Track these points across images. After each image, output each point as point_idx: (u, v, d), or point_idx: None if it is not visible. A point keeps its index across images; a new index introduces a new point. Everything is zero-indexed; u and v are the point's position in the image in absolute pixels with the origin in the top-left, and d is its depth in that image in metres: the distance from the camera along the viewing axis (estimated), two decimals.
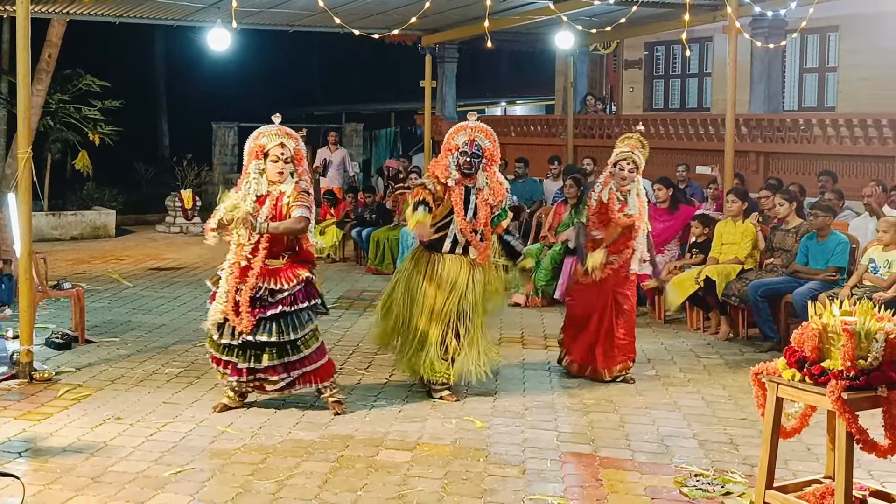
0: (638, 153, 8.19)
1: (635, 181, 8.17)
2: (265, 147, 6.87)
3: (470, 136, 7.42)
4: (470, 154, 7.40)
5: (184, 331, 9.98)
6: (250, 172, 6.90)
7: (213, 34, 12.76)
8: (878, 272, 8.80)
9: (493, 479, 5.89)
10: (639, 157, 8.19)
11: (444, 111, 21.57)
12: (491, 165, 7.54)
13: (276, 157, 6.85)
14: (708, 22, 14.47)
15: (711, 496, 5.63)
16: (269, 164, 6.87)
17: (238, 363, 6.96)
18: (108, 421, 6.91)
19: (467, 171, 7.44)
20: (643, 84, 20.45)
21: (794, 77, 17.27)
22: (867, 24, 15.19)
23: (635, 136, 8.36)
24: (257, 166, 6.89)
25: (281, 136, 6.90)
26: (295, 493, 5.62)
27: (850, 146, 13.58)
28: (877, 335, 4.68)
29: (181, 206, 19.48)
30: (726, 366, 8.81)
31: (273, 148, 6.86)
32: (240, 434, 6.65)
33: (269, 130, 6.95)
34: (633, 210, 8.13)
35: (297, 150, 7.02)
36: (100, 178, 20.32)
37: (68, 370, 8.30)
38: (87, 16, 16.21)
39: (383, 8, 15.28)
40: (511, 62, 32.27)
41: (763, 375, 5.03)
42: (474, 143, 7.41)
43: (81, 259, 15.26)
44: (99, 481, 5.76)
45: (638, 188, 8.22)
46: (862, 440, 4.66)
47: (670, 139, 16.44)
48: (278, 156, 6.85)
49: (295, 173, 6.99)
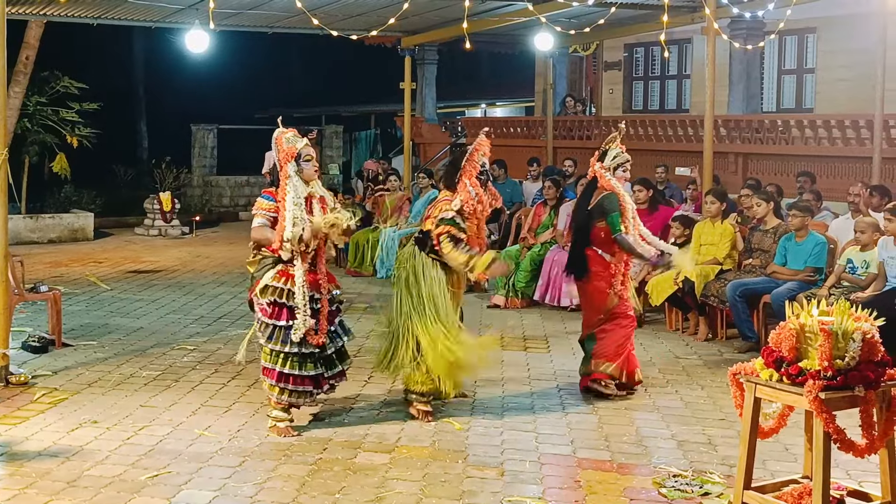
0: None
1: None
2: (296, 149, 6.71)
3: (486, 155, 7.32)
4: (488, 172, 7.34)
5: (162, 334, 9.93)
6: (291, 176, 6.67)
7: (191, 36, 12.71)
8: (856, 272, 8.84)
9: (471, 480, 5.87)
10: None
11: (424, 113, 21.60)
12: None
13: (310, 156, 6.75)
14: (687, 23, 14.51)
15: (690, 497, 5.63)
16: (303, 164, 6.71)
17: (324, 373, 6.81)
18: (84, 425, 6.86)
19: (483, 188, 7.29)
20: (622, 85, 20.50)
21: (773, 78, 17.35)
22: (844, 26, 15.27)
23: (619, 135, 8.23)
24: (294, 169, 6.70)
25: (300, 137, 6.81)
26: (273, 495, 5.59)
27: (828, 147, 13.65)
28: (854, 335, 4.70)
29: (160, 209, 19.39)
30: (705, 366, 8.83)
31: (304, 148, 6.72)
32: (217, 437, 6.61)
33: (289, 133, 6.80)
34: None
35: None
36: (78, 180, 20.22)
37: (45, 374, 8.24)
38: (65, 17, 16.13)
39: (362, 9, 15.27)
40: (491, 64, 32.31)
41: (741, 376, 5.04)
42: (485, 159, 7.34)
43: (59, 262, 15.17)
44: (75, 485, 5.71)
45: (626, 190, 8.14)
46: (839, 440, 4.68)
47: (649, 140, 16.49)
48: (312, 155, 6.76)
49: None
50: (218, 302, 11.76)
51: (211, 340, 9.60)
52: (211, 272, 14.28)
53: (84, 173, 20.91)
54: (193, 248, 17.36)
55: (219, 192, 23.77)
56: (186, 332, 10.06)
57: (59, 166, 18.88)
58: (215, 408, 7.31)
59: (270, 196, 6.72)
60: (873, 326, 4.80)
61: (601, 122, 18.31)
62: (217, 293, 12.33)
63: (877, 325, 4.84)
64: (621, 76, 20.51)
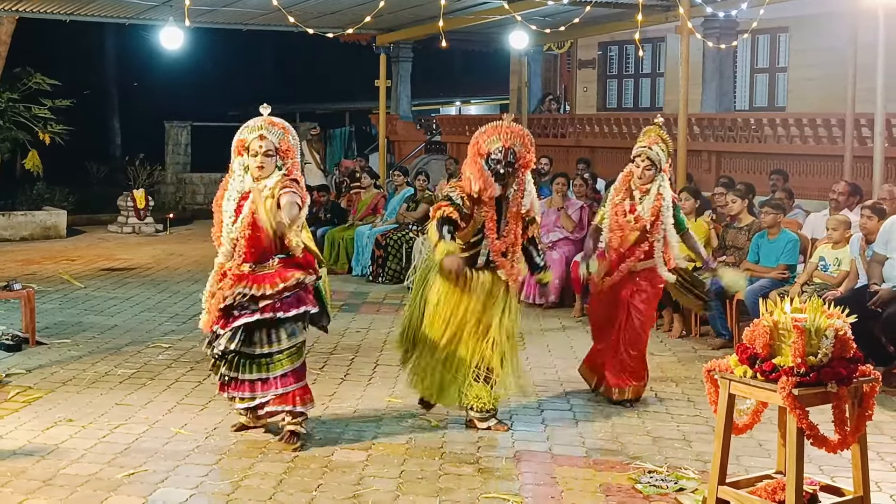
0: (657, 148, 7.27)
1: (655, 180, 7.33)
2: (246, 141, 6.25)
3: (505, 144, 6.48)
4: (505, 162, 6.50)
5: (136, 332, 9.89)
6: (234, 171, 6.31)
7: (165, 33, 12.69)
8: (828, 270, 8.92)
9: (448, 477, 5.89)
10: (658, 152, 7.27)
11: (399, 110, 21.59)
12: (524, 172, 6.66)
13: (255, 150, 6.18)
14: (660, 22, 14.58)
15: (665, 492, 5.67)
16: (248, 158, 6.24)
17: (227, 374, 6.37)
18: (59, 423, 6.82)
19: (499, 180, 6.53)
20: (597, 84, 20.56)
21: (746, 77, 17.44)
22: (817, 25, 15.37)
23: (654, 128, 7.41)
24: (241, 163, 6.28)
25: (264, 127, 6.25)
26: (250, 494, 5.59)
27: (800, 145, 13.76)
28: (826, 332, 4.75)
29: (133, 206, 19.29)
30: (679, 363, 8.88)
31: (252, 141, 6.21)
32: (194, 435, 6.60)
33: (252, 123, 6.30)
34: (644, 213, 7.32)
35: (283, 140, 6.30)
36: (50, 177, 20.07)
37: (18, 372, 8.19)
38: (37, 13, 16.05)
39: (337, 7, 15.27)
40: (465, 62, 32.33)
41: (716, 372, 5.09)
42: (510, 150, 6.50)
43: (32, 260, 15.07)
44: (50, 484, 5.69)
45: (661, 186, 7.36)
46: (812, 436, 4.73)
47: (623, 139, 16.54)
48: (257, 149, 6.18)
49: (284, 167, 6.29)
50: (193, 300, 11.71)
51: (186, 338, 9.57)
52: (185, 270, 14.23)
53: (56, 170, 20.77)
54: (167, 245, 17.29)
55: (193, 190, 23.67)
56: (161, 329, 10.02)
57: (31, 163, 18.76)
58: (191, 406, 7.30)
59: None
60: (846, 323, 4.85)
61: (575, 121, 18.36)
62: (192, 290, 12.28)
63: (849, 322, 4.89)
64: (595, 74, 20.56)
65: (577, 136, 17.93)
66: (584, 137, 17.78)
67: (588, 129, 17.70)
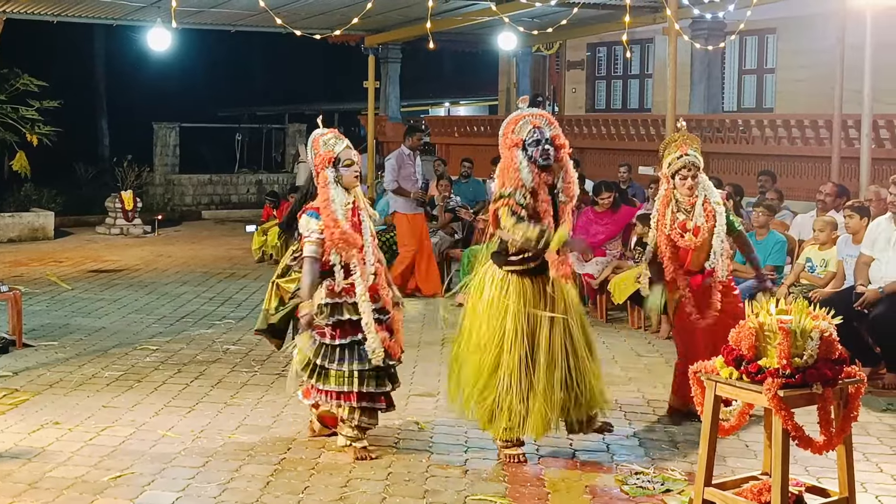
0: (692, 151, 6.81)
1: (700, 183, 6.87)
2: (335, 153, 6.19)
3: (533, 123, 6.16)
4: (543, 140, 6.12)
5: (124, 334, 9.87)
6: (330, 185, 6.14)
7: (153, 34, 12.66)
8: (815, 271, 8.94)
9: (435, 479, 5.89)
10: (694, 154, 6.81)
11: (388, 111, 21.60)
12: (563, 156, 6.28)
13: (350, 159, 6.18)
14: (648, 24, 14.62)
15: (651, 493, 5.68)
16: (342, 169, 6.16)
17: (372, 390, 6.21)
18: (46, 426, 6.81)
19: (545, 163, 6.12)
20: (585, 85, 20.60)
21: (734, 78, 17.51)
22: (804, 26, 15.43)
23: (677, 136, 6.96)
24: (334, 175, 6.18)
25: (340, 137, 6.30)
26: (237, 496, 5.58)
27: (788, 147, 13.80)
28: (812, 333, 4.76)
29: (122, 208, 19.25)
30: (666, 364, 8.88)
31: (343, 151, 6.20)
32: (181, 437, 6.59)
33: (327, 134, 6.28)
34: (699, 221, 6.84)
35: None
36: (38, 179, 20.00)
37: (5, 374, 8.17)
38: (25, 14, 16.00)
39: (325, 8, 15.26)
40: (454, 63, 32.35)
41: (702, 374, 5.10)
42: (539, 128, 6.17)
43: (19, 261, 15.03)
44: (36, 487, 5.68)
45: (706, 190, 6.91)
46: (798, 437, 4.74)
47: (612, 139, 16.58)
48: (352, 158, 6.20)
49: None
50: (180, 301, 11.71)
51: (174, 340, 9.56)
52: (173, 271, 14.20)
53: (44, 172, 20.70)
54: (155, 247, 17.25)
55: (181, 191, 23.64)
56: (149, 331, 10.00)
57: (18, 165, 18.67)
58: (178, 408, 7.29)
59: (315, 212, 6.12)
60: (831, 325, 4.87)
61: (564, 122, 18.37)
62: (180, 293, 12.27)
63: (835, 324, 4.90)
64: (584, 75, 20.61)
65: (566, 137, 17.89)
66: (572, 138, 17.66)
67: (577, 130, 17.72)
